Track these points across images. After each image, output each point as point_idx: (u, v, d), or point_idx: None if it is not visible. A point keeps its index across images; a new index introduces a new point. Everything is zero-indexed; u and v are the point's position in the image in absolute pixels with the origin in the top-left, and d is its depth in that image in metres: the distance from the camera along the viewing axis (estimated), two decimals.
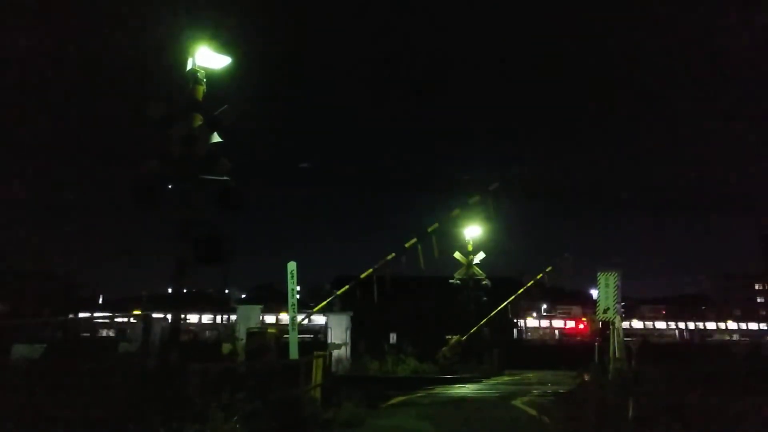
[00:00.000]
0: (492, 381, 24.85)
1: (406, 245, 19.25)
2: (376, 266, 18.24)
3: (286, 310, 15.31)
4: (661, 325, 63.71)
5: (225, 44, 10.55)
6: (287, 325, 14.76)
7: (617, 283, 15.02)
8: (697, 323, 63.09)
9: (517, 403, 15.76)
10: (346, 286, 18.43)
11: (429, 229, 19.59)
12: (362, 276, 18.63)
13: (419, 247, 19.48)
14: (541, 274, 31.90)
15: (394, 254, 18.95)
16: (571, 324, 60.79)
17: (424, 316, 36.31)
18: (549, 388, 19.87)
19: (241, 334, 16.72)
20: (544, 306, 71.46)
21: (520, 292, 32.97)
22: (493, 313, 32.39)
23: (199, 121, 10.23)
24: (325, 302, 17.84)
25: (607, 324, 16.11)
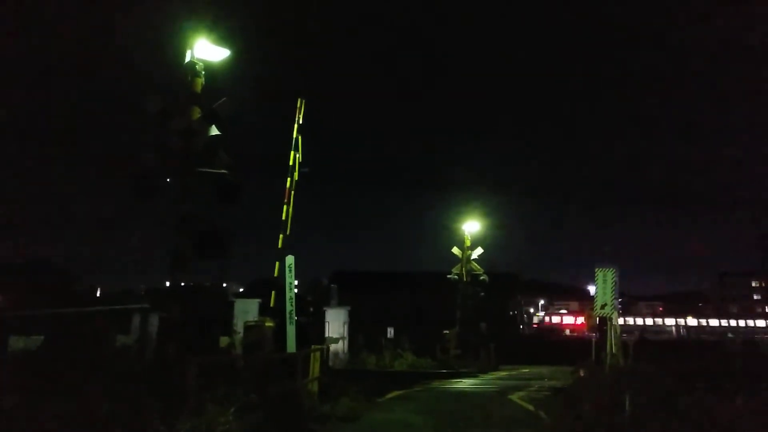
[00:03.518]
0: (489, 376, 24.91)
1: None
2: (286, 200, 17.81)
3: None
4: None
5: (224, 36, 10.51)
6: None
7: (615, 279, 15.03)
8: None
9: (514, 398, 15.80)
10: None
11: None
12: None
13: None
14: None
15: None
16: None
17: (422, 311, 36.45)
18: (546, 384, 19.92)
19: (239, 327, 16.71)
20: (542, 302, 71.63)
21: None
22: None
23: (197, 114, 10.19)
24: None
25: (604, 320, 16.14)
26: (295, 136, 18.30)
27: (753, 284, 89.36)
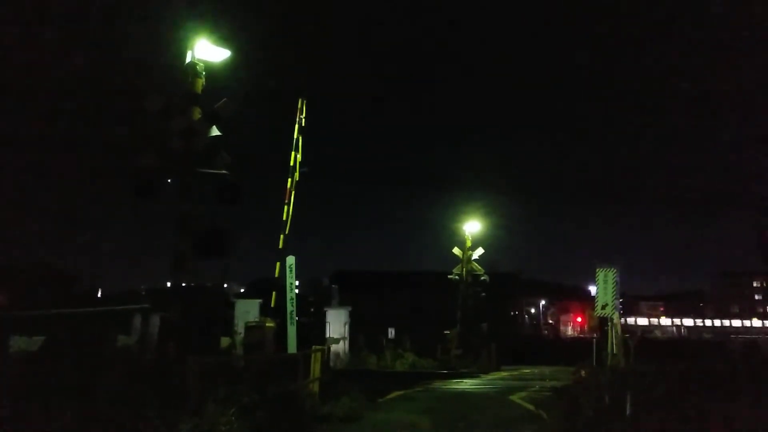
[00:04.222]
0: (490, 376, 24.90)
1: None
2: (286, 200, 17.80)
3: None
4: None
5: (224, 37, 10.53)
6: None
7: (616, 279, 15.03)
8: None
9: (515, 398, 15.79)
10: None
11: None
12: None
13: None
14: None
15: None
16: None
17: (423, 311, 36.44)
18: (547, 384, 19.91)
19: (240, 328, 16.73)
20: (543, 302, 71.56)
21: None
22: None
23: (198, 114, 10.21)
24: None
25: (605, 320, 16.14)
26: (295, 136, 18.33)
27: (754, 284, 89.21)
